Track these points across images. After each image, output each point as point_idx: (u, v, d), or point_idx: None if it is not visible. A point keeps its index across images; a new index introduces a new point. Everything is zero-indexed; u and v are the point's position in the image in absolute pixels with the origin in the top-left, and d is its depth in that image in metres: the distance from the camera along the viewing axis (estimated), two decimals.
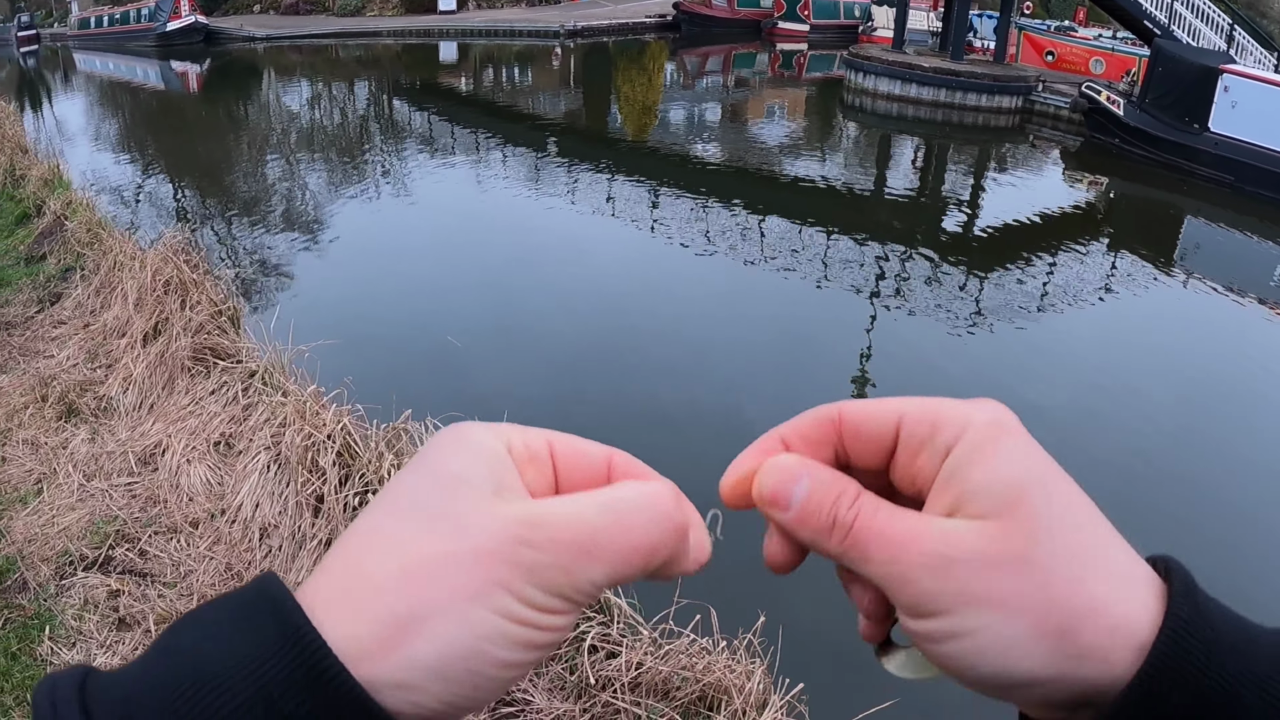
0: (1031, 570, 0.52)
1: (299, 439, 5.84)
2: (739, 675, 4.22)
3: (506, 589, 0.51)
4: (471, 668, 0.50)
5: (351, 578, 0.52)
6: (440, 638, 0.50)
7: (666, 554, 0.55)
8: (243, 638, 0.48)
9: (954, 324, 13.00)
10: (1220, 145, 20.54)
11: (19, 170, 15.05)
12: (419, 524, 0.52)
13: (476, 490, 0.53)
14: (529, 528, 0.52)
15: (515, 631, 0.51)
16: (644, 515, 0.54)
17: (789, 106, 33.12)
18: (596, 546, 0.52)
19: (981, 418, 0.56)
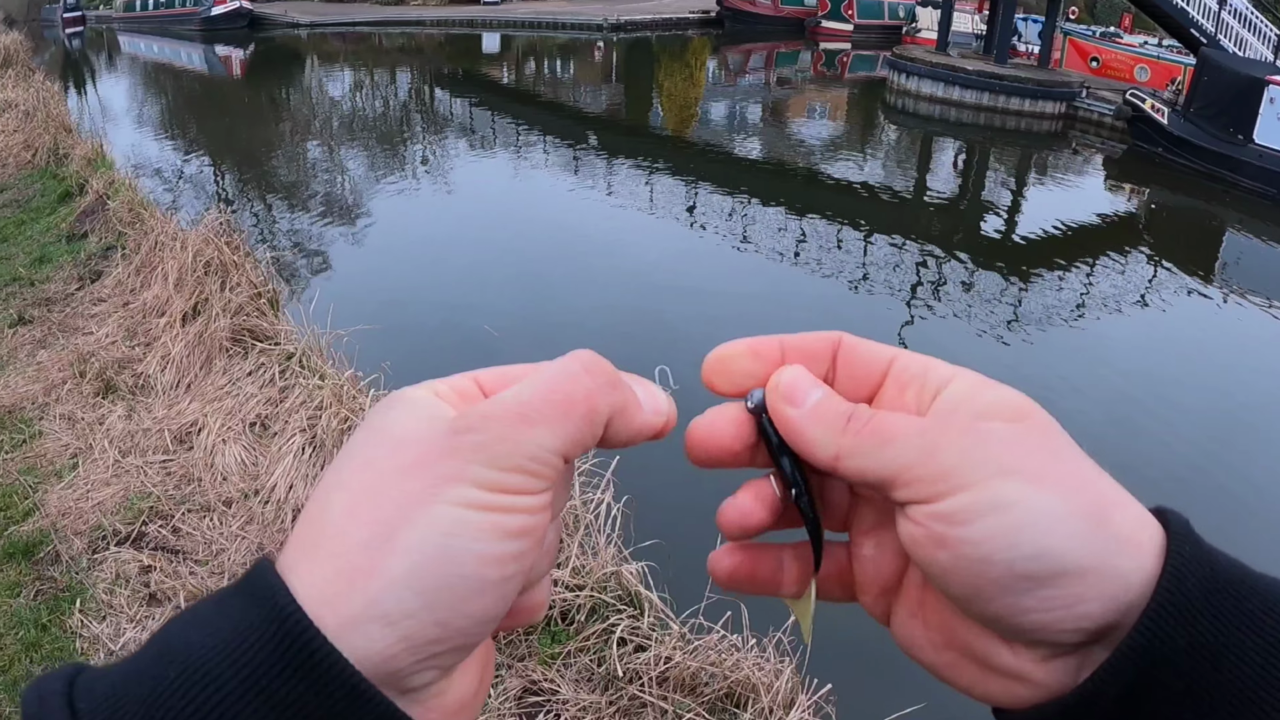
0: (1058, 453, 0.52)
1: (335, 422, 5.86)
2: (767, 673, 4.21)
3: (456, 478, 0.49)
4: (448, 570, 0.48)
5: (305, 532, 0.51)
6: (406, 550, 0.48)
7: (606, 405, 0.54)
8: (225, 621, 0.47)
9: (990, 329, 12.92)
10: (1265, 157, 20.27)
11: (62, 149, 15.17)
12: (355, 459, 0.52)
13: (408, 416, 0.53)
14: (460, 418, 0.51)
15: (480, 519, 0.49)
16: (565, 371, 0.54)
17: (831, 106, 32.99)
18: (530, 409, 0.51)
19: (972, 373, 0.56)
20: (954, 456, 0.51)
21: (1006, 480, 0.50)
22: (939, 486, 0.51)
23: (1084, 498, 0.50)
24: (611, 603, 4.63)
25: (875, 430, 0.54)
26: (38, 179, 14.33)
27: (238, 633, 0.46)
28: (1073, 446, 0.53)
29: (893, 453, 0.53)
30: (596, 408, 0.53)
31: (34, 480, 6.31)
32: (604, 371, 0.55)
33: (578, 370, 0.54)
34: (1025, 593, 0.50)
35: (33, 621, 5.02)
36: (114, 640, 4.87)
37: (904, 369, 0.58)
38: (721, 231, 16.71)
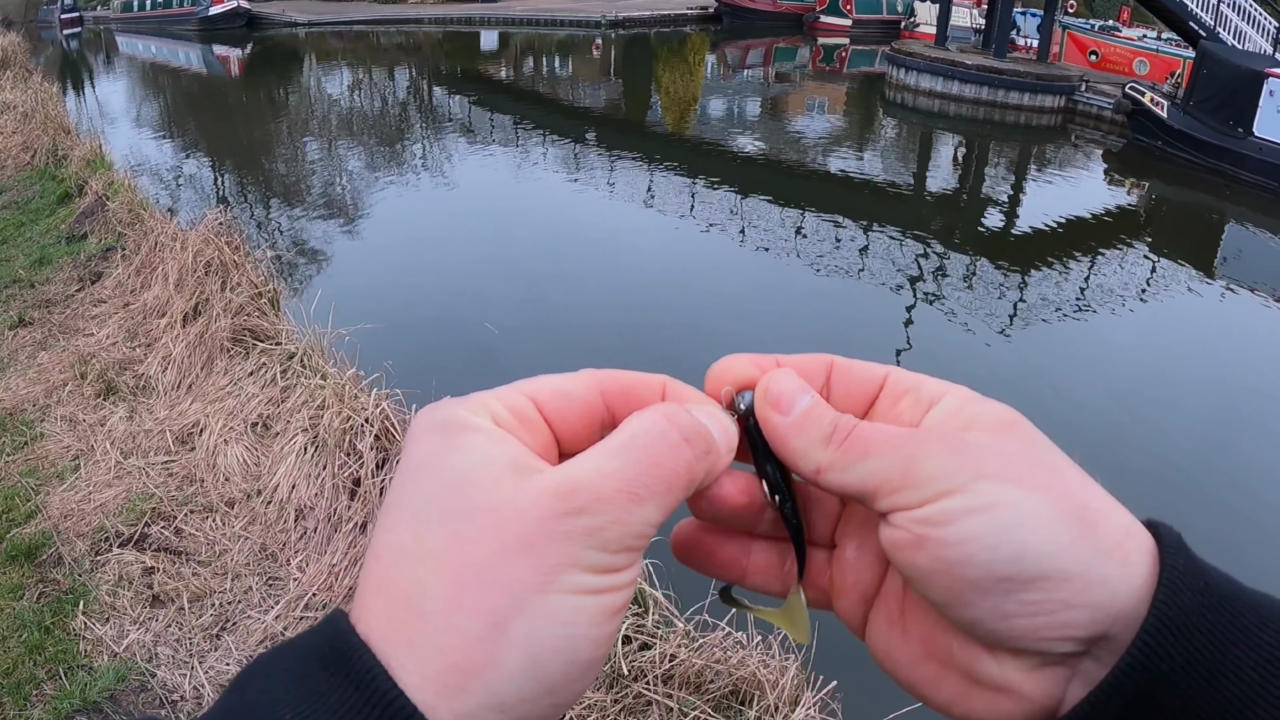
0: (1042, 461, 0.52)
1: (337, 422, 5.85)
2: (773, 670, 4.20)
3: (570, 565, 0.48)
4: (566, 658, 0.47)
5: (397, 609, 0.48)
6: (524, 640, 0.46)
7: (703, 473, 0.54)
8: (317, 699, 0.45)
9: (990, 324, 12.92)
10: (1265, 150, 20.25)
11: (61, 150, 15.16)
12: (445, 529, 0.48)
13: (493, 475, 0.50)
14: (566, 497, 0.49)
15: (593, 603, 0.48)
16: (669, 441, 0.52)
17: (829, 102, 32.98)
18: (640, 487, 0.50)
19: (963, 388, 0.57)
20: (935, 465, 0.51)
21: (988, 482, 0.50)
22: (920, 494, 0.51)
23: (1067, 503, 0.50)
24: None
25: (856, 443, 0.53)
26: (36, 180, 14.32)
27: (336, 716, 0.44)
28: (1059, 454, 0.53)
29: (873, 465, 0.53)
30: (696, 479, 0.53)
31: (36, 482, 6.30)
32: (702, 439, 0.54)
33: (679, 441, 0.52)
34: (1006, 596, 0.50)
35: (36, 624, 5.01)
36: (117, 642, 4.87)
37: (898, 383, 0.58)
38: (721, 227, 16.72)
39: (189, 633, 4.95)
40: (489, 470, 0.50)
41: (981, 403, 0.55)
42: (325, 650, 0.47)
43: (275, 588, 5.33)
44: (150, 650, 4.84)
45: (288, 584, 5.32)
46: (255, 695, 0.46)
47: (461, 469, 0.50)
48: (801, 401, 0.56)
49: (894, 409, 0.57)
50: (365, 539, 5.27)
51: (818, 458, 0.54)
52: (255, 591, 5.28)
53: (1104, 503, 0.51)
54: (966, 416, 0.54)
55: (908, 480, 0.51)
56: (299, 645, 0.48)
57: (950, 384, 0.57)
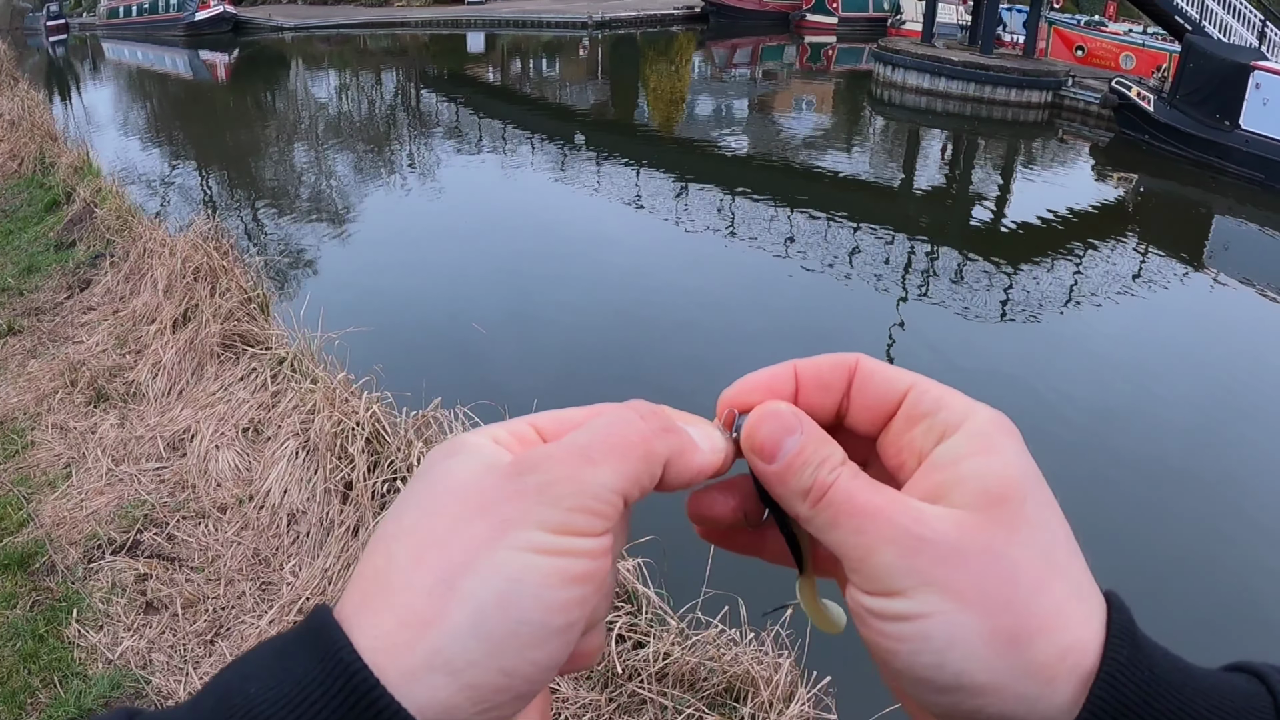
0: (999, 565, 0.51)
1: (328, 425, 5.85)
2: (766, 667, 4.21)
3: (521, 520, 0.49)
4: (513, 617, 0.48)
5: (367, 582, 0.50)
6: (470, 596, 0.48)
7: (663, 448, 0.54)
8: (285, 674, 0.47)
9: (980, 319, 12.95)
10: (1251, 143, 20.33)
11: (48, 157, 15.12)
12: (418, 509, 0.52)
13: (468, 468, 0.53)
14: (521, 461, 0.52)
15: (546, 563, 0.49)
16: (621, 417, 0.54)
17: (817, 100, 33.01)
18: (591, 449, 0.52)
19: (986, 413, 0.56)
20: (886, 562, 0.51)
21: (928, 593, 0.50)
22: (869, 584, 0.52)
23: (1004, 620, 0.50)
24: None
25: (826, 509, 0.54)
26: (24, 188, 14.28)
27: (299, 686, 0.46)
28: (1036, 542, 0.52)
29: (836, 538, 0.53)
30: (654, 450, 0.54)
31: (27, 491, 6.29)
32: (659, 417, 0.55)
33: (633, 416, 0.54)
34: (926, 691, 0.52)
35: (30, 632, 5.00)
36: (111, 649, 4.87)
37: (917, 402, 0.57)
38: (709, 226, 16.72)
39: (183, 639, 4.95)
40: (466, 464, 0.53)
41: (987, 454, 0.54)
42: (301, 631, 0.49)
43: (269, 592, 5.33)
44: (145, 657, 4.83)
45: (281, 588, 5.32)
46: (232, 674, 0.48)
47: (446, 468, 0.53)
48: (787, 447, 0.56)
49: (907, 433, 0.57)
50: (358, 542, 5.27)
51: (796, 509, 0.55)
52: (249, 596, 5.28)
53: (1052, 615, 0.51)
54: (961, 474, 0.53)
55: (862, 565, 0.52)
56: (285, 632, 0.50)
57: (972, 408, 0.56)
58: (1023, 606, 0.50)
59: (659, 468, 0.54)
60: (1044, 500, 0.54)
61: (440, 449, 0.56)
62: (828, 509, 0.54)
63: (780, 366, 0.61)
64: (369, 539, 0.55)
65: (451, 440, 0.56)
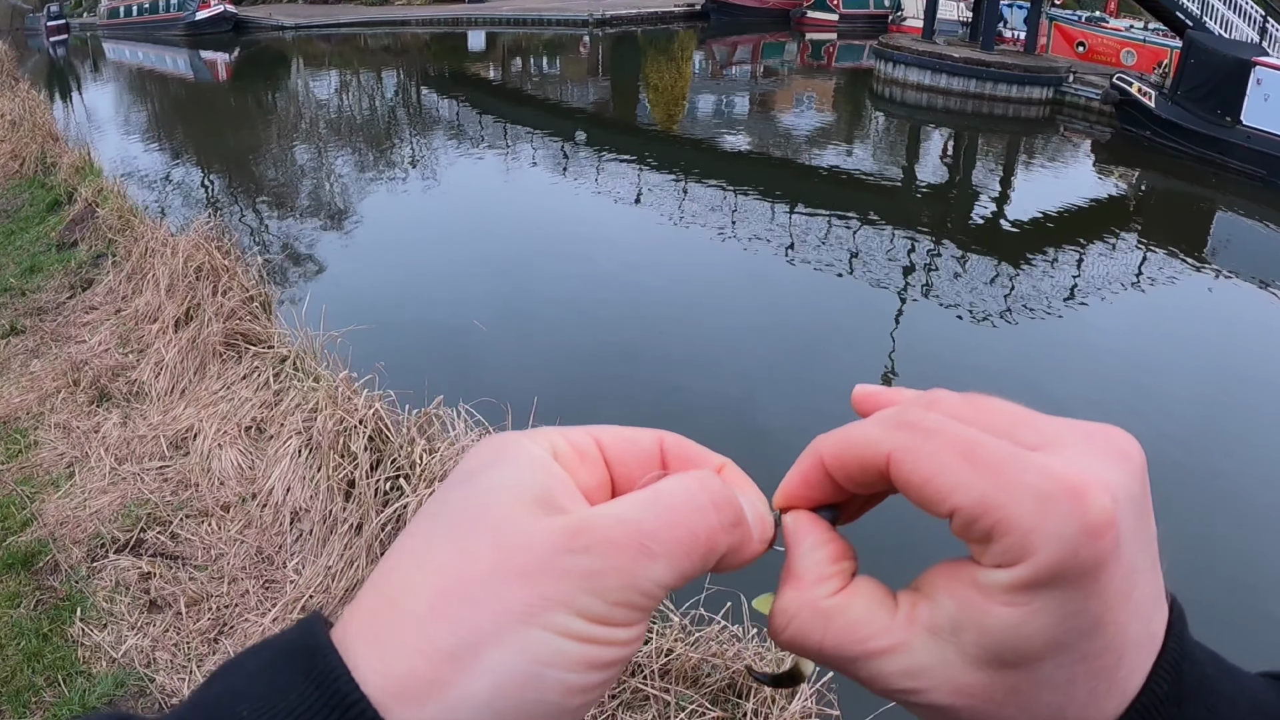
0: None
1: (330, 424, 5.85)
2: (768, 663, 4.21)
3: (562, 604, 0.46)
4: (532, 698, 0.46)
5: (381, 604, 0.48)
6: (494, 669, 0.45)
7: (726, 544, 0.51)
8: (277, 696, 0.45)
9: (981, 316, 12.94)
10: (1253, 138, 20.32)
11: (50, 158, 15.14)
12: (452, 541, 0.48)
13: (517, 499, 0.49)
14: (576, 534, 0.47)
15: (577, 651, 0.46)
16: (695, 503, 0.50)
17: (818, 97, 33.01)
18: (654, 541, 0.48)
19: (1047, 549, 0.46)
20: None
21: None
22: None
23: None
24: None
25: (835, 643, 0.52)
26: (26, 189, 14.30)
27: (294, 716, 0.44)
28: None
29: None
30: (717, 547, 0.50)
31: (31, 490, 6.30)
32: (731, 509, 0.51)
33: (706, 505, 0.50)
34: None
35: (34, 631, 5.02)
36: (115, 648, 4.88)
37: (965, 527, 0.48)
38: (710, 224, 16.71)
39: (187, 637, 4.96)
40: (514, 494, 0.49)
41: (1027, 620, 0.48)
42: (295, 648, 0.47)
43: (272, 590, 5.34)
44: (148, 655, 4.84)
45: (284, 586, 5.33)
46: (220, 690, 0.46)
47: (491, 488, 0.50)
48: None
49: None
50: (361, 540, 5.28)
51: None
52: (252, 595, 5.29)
53: None
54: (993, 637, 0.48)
55: None
56: (273, 643, 0.48)
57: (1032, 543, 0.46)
58: None
59: (714, 562, 0.51)
60: None
61: (489, 450, 0.53)
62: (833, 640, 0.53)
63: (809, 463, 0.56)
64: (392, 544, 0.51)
65: (502, 442, 0.53)
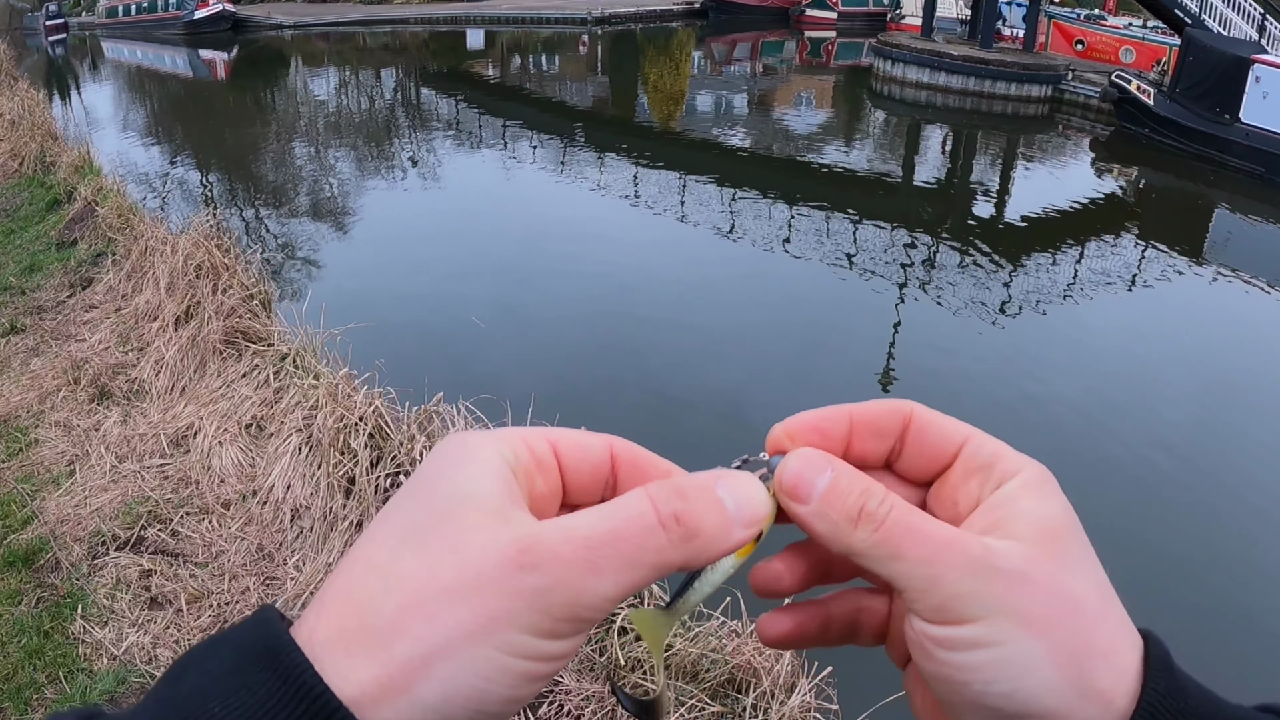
0: (1063, 597, 0.53)
1: (331, 421, 5.86)
2: (768, 658, 4.23)
3: (510, 622, 0.49)
4: (475, 707, 0.50)
5: (348, 616, 0.51)
6: (444, 681, 0.49)
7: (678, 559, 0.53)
8: (247, 692, 0.47)
9: (980, 313, 12.94)
10: (1252, 136, 20.34)
11: (49, 157, 15.14)
12: (414, 552, 0.51)
13: (475, 508, 0.52)
14: (526, 551, 0.50)
15: (519, 667, 0.50)
16: (643, 521, 0.52)
17: (817, 95, 33.00)
18: (599, 557, 0.51)
19: (1037, 466, 0.57)
20: (956, 590, 0.52)
21: (1001, 620, 0.51)
22: (938, 612, 0.52)
23: (1071, 646, 0.52)
24: None
25: (888, 539, 0.54)
26: (25, 188, 14.30)
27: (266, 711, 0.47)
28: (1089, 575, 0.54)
29: (901, 569, 0.53)
30: (666, 564, 0.53)
31: (32, 488, 6.31)
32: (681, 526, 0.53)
33: (655, 525, 0.52)
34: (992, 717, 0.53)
35: (35, 629, 5.03)
36: (116, 645, 4.89)
37: (974, 454, 0.59)
38: (709, 221, 16.71)
39: (188, 634, 4.97)
40: (475, 505, 0.52)
41: (1041, 498, 0.56)
42: (259, 646, 0.49)
43: (272, 587, 5.35)
44: (149, 652, 4.85)
45: (285, 583, 5.34)
46: (188, 689, 0.49)
47: (451, 499, 0.52)
48: (819, 483, 0.56)
49: (964, 485, 0.58)
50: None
51: (846, 541, 0.55)
52: (253, 591, 5.30)
53: (1110, 643, 0.53)
54: (1018, 510, 0.55)
55: (930, 595, 0.52)
56: (233, 639, 0.50)
57: (1025, 461, 0.58)
58: (1088, 632, 0.52)
59: (666, 573, 0.54)
60: (1087, 542, 0.56)
61: (449, 451, 0.55)
62: (888, 540, 0.53)
63: (834, 409, 0.61)
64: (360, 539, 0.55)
65: (463, 442, 0.56)
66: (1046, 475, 0.57)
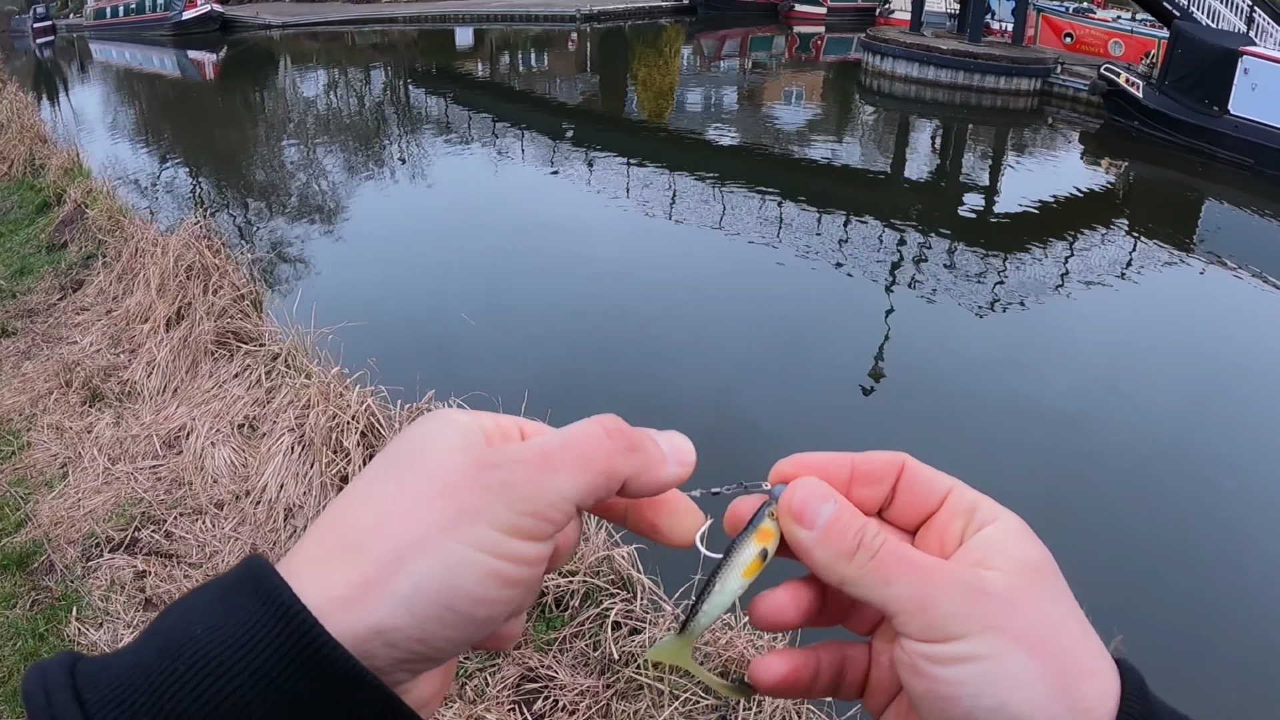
0: (1047, 620, 0.56)
1: (323, 420, 5.87)
2: (761, 650, 4.24)
3: (477, 514, 0.53)
4: (442, 602, 0.52)
5: (328, 539, 0.54)
6: (415, 573, 0.52)
7: (625, 467, 0.59)
8: (229, 615, 0.50)
9: (971, 308, 12.97)
10: (1240, 128, 20.39)
11: (38, 159, 15.12)
12: (391, 483, 0.56)
13: (446, 446, 0.57)
14: (490, 456, 0.56)
15: (486, 562, 0.53)
16: (588, 431, 0.58)
17: (807, 90, 33.01)
18: (554, 457, 0.56)
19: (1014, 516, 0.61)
20: (948, 608, 0.55)
21: (989, 635, 0.55)
22: (929, 630, 0.56)
23: (1058, 664, 0.55)
24: (604, 587, 4.67)
25: (880, 566, 0.58)
26: (14, 191, 14.28)
27: (244, 626, 0.49)
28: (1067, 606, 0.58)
29: (893, 592, 0.57)
30: (615, 467, 0.58)
31: (24, 491, 6.31)
32: (624, 436, 0.59)
33: (599, 432, 0.58)
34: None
35: (30, 632, 5.03)
36: (112, 647, 4.88)
37: (956, 501, 0.63)
38: (699, 218, 16.71)
39: None
40: (442, 442, 0.57)
41: (1021, 541, 0.59)
42: (241, 576, 0.52)
43: None
44: None
45: None
46: (173, 619, 0.51)
47: (423, 439, 0.58)
48: (824, 513, 0.60)
49: (948, 528, 0.62)
50: None
51: (843, 569, 0.59)
52: None
53: (1093, 663, 0.56)
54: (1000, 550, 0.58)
55: (921, 615, 0.56)
56: (218, 579, 0.53)
57: (1002, 510, 0.61)
58: (1071, 652, 0.55)
59: (617, 483, 0.58)
60: (1064, 581, 0.59)
61: (425, 417, 0.60)
62: (881, 569, 0.57)
63: (839, 455, 0.65)
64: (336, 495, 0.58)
65: (438, 411, 0.60)
66: (1023, 523, 0.61)
